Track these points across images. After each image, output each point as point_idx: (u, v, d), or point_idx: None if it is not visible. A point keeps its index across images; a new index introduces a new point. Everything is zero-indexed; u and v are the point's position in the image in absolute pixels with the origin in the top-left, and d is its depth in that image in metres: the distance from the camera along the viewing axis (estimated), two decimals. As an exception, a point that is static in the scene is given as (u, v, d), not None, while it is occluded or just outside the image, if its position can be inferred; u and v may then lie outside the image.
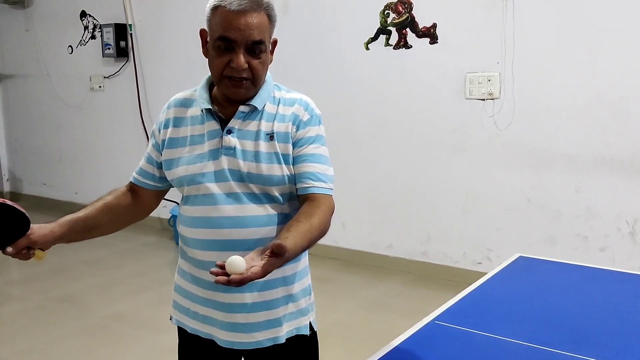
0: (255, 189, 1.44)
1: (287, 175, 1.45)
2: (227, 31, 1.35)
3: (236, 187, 1.44)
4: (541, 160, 3.71)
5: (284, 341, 1.51)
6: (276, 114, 1.47)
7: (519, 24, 3.67)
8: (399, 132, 4.21)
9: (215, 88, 1.50)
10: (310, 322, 1.58)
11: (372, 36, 4.24)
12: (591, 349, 1.52)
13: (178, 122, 1.52)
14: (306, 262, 1.58)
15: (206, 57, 1.45)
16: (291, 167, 1.45)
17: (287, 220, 1.39)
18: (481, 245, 3.99)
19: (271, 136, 1.44)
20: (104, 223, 1.53)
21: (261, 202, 1.45)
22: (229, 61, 1.38)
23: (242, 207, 1.43)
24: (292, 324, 1.53)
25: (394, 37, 4.15)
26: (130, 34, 5.53)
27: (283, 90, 1.53)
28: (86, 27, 5.90)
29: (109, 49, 5.59)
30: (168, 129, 1.52)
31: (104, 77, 5.83)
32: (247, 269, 1.17)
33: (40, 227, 1.40)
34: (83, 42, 5.96)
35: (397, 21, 4.12)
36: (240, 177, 1.44)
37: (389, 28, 4.17)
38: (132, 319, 3.59)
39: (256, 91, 1.46)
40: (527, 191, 3.78)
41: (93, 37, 5.86)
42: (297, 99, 1.51)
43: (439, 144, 4.06)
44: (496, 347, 1.55)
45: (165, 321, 1.66)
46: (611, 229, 3.54)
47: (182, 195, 1.53)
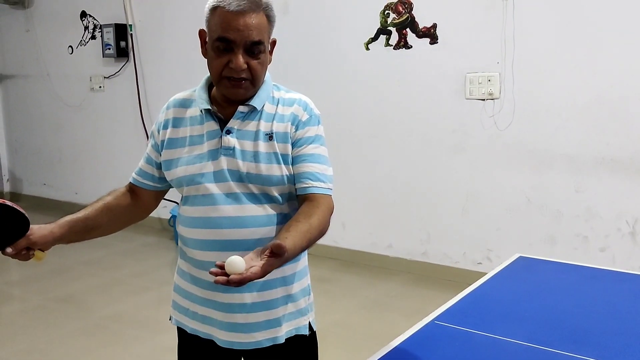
0: (254, 189, 1.44)
1: (286, 176, 1.45)
2: (226, 32, 1.36)
3: (235, 187, 1.44)
4: (541, 160, 3.70)
5: (283, 341, 1.51)
6: (275, 114, 1.47)
7: (519, 24, 3.67)
8: (399, 132, 4.21)
9: (214, 88, 1.50)
10: (310, 322, 1.58)
11: (372, 36, 4.24)
12: (591, 349, 1.52)
13: (177, 122, 1.52)
14: (305, 262, 1.58)
15: (205, 58, 1.45)
16: (290, 167, 1.45)
17: (287, 220, 1.39)
18: (481, 246, 3.99)
19: (270, 136, 1.44)
20: (103, 223, 1.53)
21: (260, 202, 1.45)
22: (228, 62, 1.38)
23: (242, 207, 1.43)
24: (292, 324, 1.53)
25: (394, 37, 4.15)
26: (131, 34, 5.53)
27: (282, 90, 1.53)
28: (86, 28, 5.90)
29: (109, 49, 5.59)
30: (167, 129, 1.53)
31: (104, 77, 5.84)
32: (246, 269, 1.17)
33: (39, 228, 1.40)
34: (83, 42, 5.96)
35: (397, 21, 4.12)
36: (239, 177, 1.44)
37: (389, 28, 4.17)
38: (132, 319, 3.59)
39: (255, 91, 1.46)
40: (527, 191, 3.78)
41: (93, 37, 5.86)
42: (296, 99, 1.51)
43: (439, 144, 4.06)
44: (496, 347, 1.55)
45: (165, 321, 1.66)
46: (611, 229, 3.54)
47: (182, 196, 1.54)
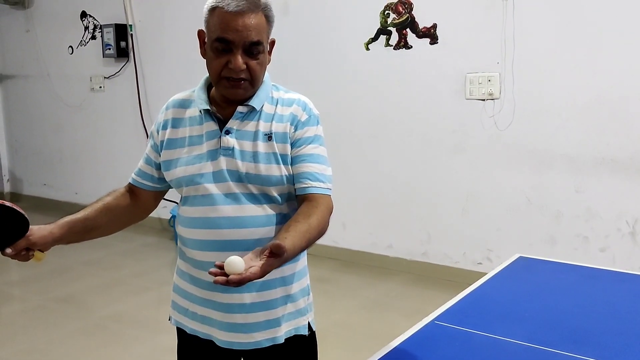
0: (253, 189, 1.44)
1: (286, 176, 1.45)
2: (225, 32, 1.36)
3: (235, 188, 1.44)
4: (541, 161, 3.70)
5: (282, 341, 1.51)
6: (274, 114, 1.47)
7: (519, 24, 3.67)
8: (399, 133, 4.21)
9: (213, 89, 1.50)
10: (309, 322, 1.57)
11: (373, 36, 4.24)
12: (591, 349, 1.52)
13: (176, 123, 1.52)
14: (305, 262, 1.58)
15: (204, 58, 1.45)
16: (289, 167, 1.45)
17: (286, 220, 1.39)
18: (481, 246, 3.98)
19: (269, 136, 1.44)
20: (103, 224, 1.53)
21: (260, 203, 1.45)
22: (227, 62, 1.38)
23: (241, 207, 1.43)
24: (291, 324, 1.53)
25: (394, 38, 4.15)
26: (131, 34, 5.53)
27: (281, 90, 1.53)
28: (86, 28, 5.90)
29: (109, 49, 5.59)
30: (166, 129, 1.53)
31: (104, 77, 5.84)
32: (245, 269, 1.17)
33: (39, 229, 1.41)
34: (83, 42, 5.97)
35: (397, 21, 4.12)
36: (238, 178, 1.44)
37: (389, 28, 4.16)
38: (132, 319, 3.59)
39: (254, 92, 1.46)
40: (528, 191, 3.77)
41: (93, 37, 5.86)
42: (295, 99, 1.51)
43: (439, 144, 4.05)
44: (496, 348, 1.55)
45: (165, 321, 1.66)
46: (611, 229, 3.54)
47: (181, 196, 1.54)
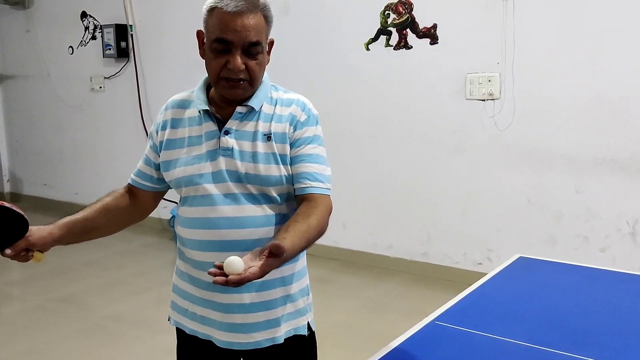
0: (253, 190, 1.44)
1: (285, 176, 1.45)
2: (224, 33, 1.36)
3: (234, 188, 1.44)
4: (541, 161, 3.70)
5: (282, 341, 1.51)
6: (273, 114, 1.47)
7: (519, 24, 3.67)
8: (399, 133, 4.21)
9: (212, 89, 1.50)
10: (309, 322, 1.57)
11: (373, 37, 4.23)
12: (591, 349, 1.52)
13: (176, 123, 1.52)
14: (304, 262, 1.58)
15: (203, 59, 1.45)
16: (289, 167, 1.45)
17: (285, 220, 1.38)
18: (481, 246, 3.98)
19: (269, 137, 1.44)
20: (102, 224, 1.53)
21: (259, 203, 1.45)
22: (226, 62, 1.38)
23: (240, 207, 1.43)
24: (291, 324, 1.53)
25: (395, 38, 4.15)
26: (131, 34, 5.53)
27: (280, 90, 1.53)
28: (87, 28, 5.91)
29: (109, 49, 5.60)
30: (166, 130, 1.53)
31: (105, 77, 5.84)
32: (245, 270, 1.17)
33: (38, 229, 1.41)
34: (84, 42, 5.97)
35: (398, 22, 4.12)
36: (238, 178, 1.44)
37: (389, 29, 4.16)
38: (132, 319, 3.59)
39: (253, 92, 1.46)
40: (528, 191, 3.77)
41: (94, 37, 5.86)
42: (294, 99, 1.50)
43: (440, 144, 4.05)
44: (496, 348, 1.55)
45: (165, 322, 1.66)
46: (611, 229, 3.53)
47: (180, 197, 1.54)
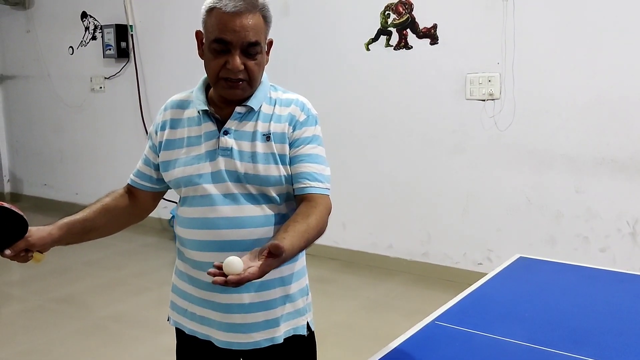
0: (252, 190, 1.44)
1: (284, 176, 1.45)
2: (223, 33, 1.36)
3: (233, 188, 1.44)
4: (541, 161, 3.70)
5: (281, 341, 1.51)
6: (272, 114, 1.47)
7: (519, 24, 3.67)
8: (399, 133, 4.21)
9: (211, 89, 1.50)
10: (308, 322, 1.57)
11: (373, 37, 4.23)
12: (591, 349, 1.52)
13: (175, 123, 1.52)
14: (304, 262, 1.58)
15: (202, 59, 1.45)
16: (288, 167, 1.45)
17: (285, 220, 1.39)
18: (482, 246, 3.98)
19: (268, 137, 1.44)
20: (101, 225, 1.53)
21: (258, 203, 1.45)
22: (225, 63, 1.38)
23: (240, 207, 1.43)
24: (290, 324, 1.53)
25: (395, 38, 4.15)
26: (131, 34, 5.53)
27: (279, 90, 1.53)
28: (87, 28, 5.91)
29: (109, 49, 5.60)
30: (165, 130, 1.53)
31: (105, 77, 5.84)
32: (244, 270, 1.17)
33: (38, 230, 1.41)
34: (84, 42, 5.97)
35: (398, 22, 4.12)
36: (237, 178, 1.44)
37: (389, 29, 4.16)
38: (132, 319, 3.59)
39: (252, 92, 1.46)
40: (528, 191, 3.77)
41: (94, 37, 5.86)
42: (293, 99, 1.51)
43: (440, 144, 4.05)
44: (496, 348, 1.55)
45: (165, 322, 1.66)
46: (611, 229, 3.53)
47: (180, 197, 1.54)
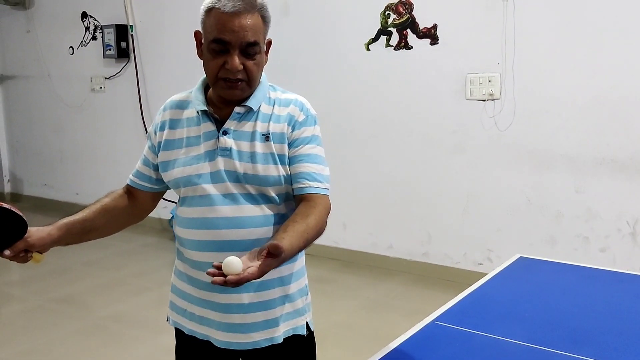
0: (251, 190, 1.44)
1: (283, 176, 1.45)
2: (222, 33, 1.36)
3: (233, 188, 1.44)
4: (541, 161, 3.70)
5: (281, 341, 1.51)
6: (271, 114, 1.47)
7: (519, 24, 3.67)
8: (399, 133, 4.21)
9: (210, 89, 1.50)
10: (307, 322, 1.57)
11: (373, 37, 4.23)
12: (591, 349, 1.52)
13: (174, 124, 1.52)
14: (303, 262, 1.58)
15: (201, 59, 1.45)
16: (287, 167, 1.45)
17: (284, 220, 1.39)
18: (482, 246, 3.98)
19: (267, 137, 1.44)
20: (101, 225, 1.53)
21: (258, 203, 1.45)
22: (223, 63, 1.38)
23: (239, 207, 1.43)
24: (289, 324, 1.53)
25: (395, 38, 4.14)
26: (131, 35, 5.54)
27: (278, 90, 1.53)
28: (87, 28, 5.91)
29: (109, 49, 5.60)
30: (164, 131, 1.53)
31: (105, 77, 5.84)
32: (243, 270, 1.17)
33: (37, 230, 1.41)
34: (84, 43, 5.97)
35: (398, 22, 4.12)
36: (236, 178, 1.44)
37: (389, 29, 4.16)
38: (132, 319, 3.59)
39: (251, 92, 1.46)
40: (528, 192, 3.77)
41: (94, 38, 5.86)
42: (292, 99, 1.51)
43: (440, 144, 4.05)
44: (496, 348, 1.55)
45: (165, 322, 1.66)
46: (612, 229, 3.53)
47: (179, 197, 1.54)
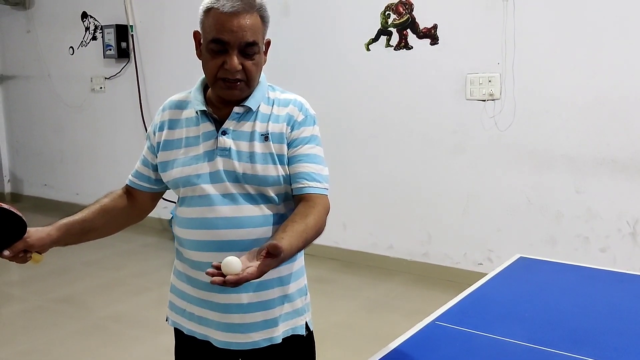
0: (250, 190, 1.44)
1: (282, 176, 1.44)
2: (220, 33, 1.35)
3: (232, 188, 1.44)
4: (542, 161, 3.70)
5: (280, 341, 1.51)
6: (270, 114, 1.47)
7: (519, 24, 3.67)
8: (399, 133, 4.21)
9: (209, 90, 1.50)
10: (307, 322, 1.57)
11: (373, 37, 4.23)
12: (591, 349, 1.52)
13: (173, 124, 1.52)
14: (302, 262, 1.58)
15: (200, 59, 1.45)
16: (286, 167, 1.45)
17: (283, 220, 1.39)
18: (482, 246, 3.98)
19: (266, 137, 1.44)
20: (100, 226, 1.53)
21: (257, 203, 1.45)
22: (222, 63, 1.38)
23: (238, 207, 1.43)
24: (288, 323, 1.53)
25: (395, 38, 4.14)
26: (132, 35, 5.54)
27: (277, 91, 1.53)
28: (87, 28, 5.91)
29: (110, 50, 5.60)
30: (163, 131, 1.53)
31: (105, 78, 5.84)
32: (242, 270, 1.17)
33: (37, 231, 1.41)
34: (84, 43, 5.97)
35: (398, 22, 4.12)
36: (235, 178, 1.43)
37: (389, 29, 4.16)
38: (132, 319, 3.59)
39: (250, 92, 1.46)
40: (528, 192, 3.77)
41: (94, 38, 5.87)
42: (291, 99, 1.51)
43: (440, 144, 4.05)
44: (497, 348, 1.55)
45: (165, 322, 1.66)
46: (612, 229, 3.53)
47: (178, 197, 1.54)
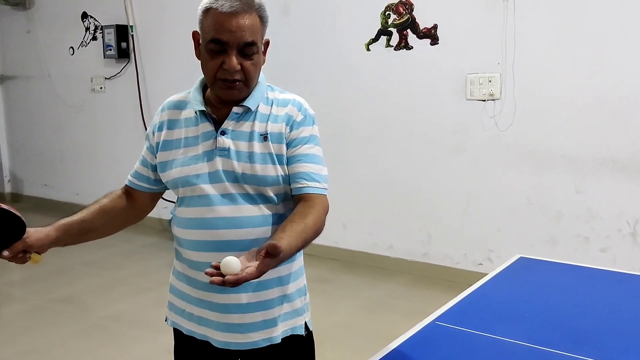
0: (250, 190, 1.44)
1: (282, 176, 1.44)
2: (219, 33, 1.35)
3: (231, 188, 1.44)
4: (542, 161, 3.70)
5: (279, 341, 1.51)
6: (269, 114, 1.47)
7: (519, 24, 3.67)
8: (399, 133, 4.20)
9: (208, 90, 1.50)
10: (306, 322, 1.57)
11: (373, 37, 4.23)
12: (591, 349, 1.52)
13: (172, 124, 1.52)
14: (301, 262, 1.58)
15: (199, 59, 1.45)
16: (285, 167, 1.45)
17: (282, 220, 1.38)
18: (482, 246, 3.98)
19: (265, 137, 1.44)
20: (99, 226, 1.53)
21: (256, 203, 1.45)
22: (221, 63, 1.38)
23: (237, 207, 1.43)
24: (288, 323, 1.53)
25: (395, 38, 4.14)
26: (132, 35, 5.54)
27: (276, 91, 1.53)
28: (87, 29, 5.91)
29: (110, 50, 5.60)
30: (162, 131, 1.53)
31: (105, 78, 5.84)
32: (242, 270, 1.17)
33: (36, 231, 1.41)
34: (84, 43, 5.97)
35: (398, 22, 4.12)
36: (234, 178, 1.43)
37: (389, 29, 4.16)
38: (132, 319, 3.59)
39: (249, 92, 1.46)
40: (528, 192, 3.77)
41: (94, 38, 5.87)
42: (290, 99, 1.50)
43: (440, 144, 4.05)
44: (497, 348, 1.55)
45: (165, 322, 1.66)
46: (612, 229, 3.53)
47: (177, 197, 1.53)
